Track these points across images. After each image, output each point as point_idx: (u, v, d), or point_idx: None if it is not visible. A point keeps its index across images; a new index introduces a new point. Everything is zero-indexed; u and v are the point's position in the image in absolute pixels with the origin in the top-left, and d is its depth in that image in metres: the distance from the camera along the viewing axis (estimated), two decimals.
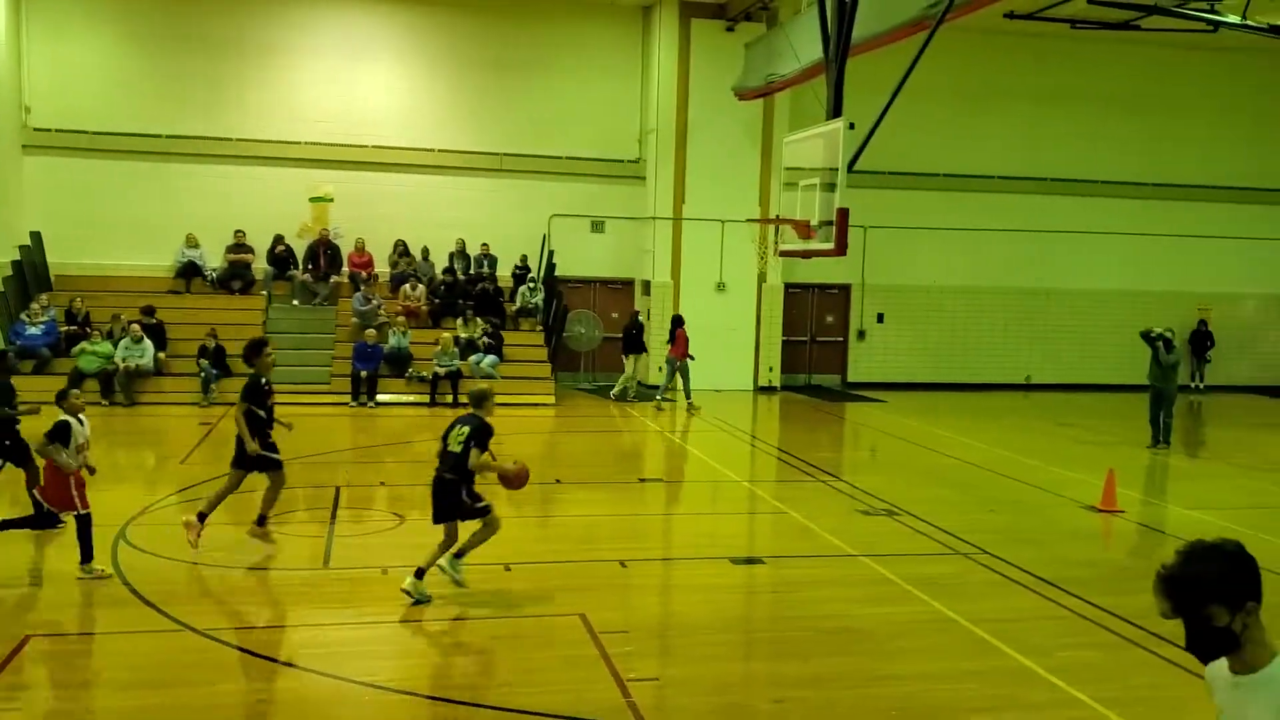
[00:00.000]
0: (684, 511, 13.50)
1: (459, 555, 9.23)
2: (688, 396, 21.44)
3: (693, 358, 21.52)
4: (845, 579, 10.18)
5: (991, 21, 22.87)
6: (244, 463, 10.45)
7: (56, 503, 9.35)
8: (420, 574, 8.97)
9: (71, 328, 20.49)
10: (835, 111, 15.19)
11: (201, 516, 10.31)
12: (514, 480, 9.13)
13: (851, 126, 14.31)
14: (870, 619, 8.98)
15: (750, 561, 10.77)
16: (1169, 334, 18.01)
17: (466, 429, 9.04)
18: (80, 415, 9.52)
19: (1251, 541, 10.50)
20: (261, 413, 10.46)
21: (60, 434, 9.30)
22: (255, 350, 10.81)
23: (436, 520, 9.18)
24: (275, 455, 10.57)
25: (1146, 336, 17.96)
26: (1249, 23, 17.92)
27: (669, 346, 21.77)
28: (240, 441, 10.39)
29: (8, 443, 10.95)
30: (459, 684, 7.35)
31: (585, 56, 24.45)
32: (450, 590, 9.46)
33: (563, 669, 7.72)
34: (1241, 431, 21.83)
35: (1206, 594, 3.11)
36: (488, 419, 9.12)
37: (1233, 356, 27.74)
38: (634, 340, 22.58)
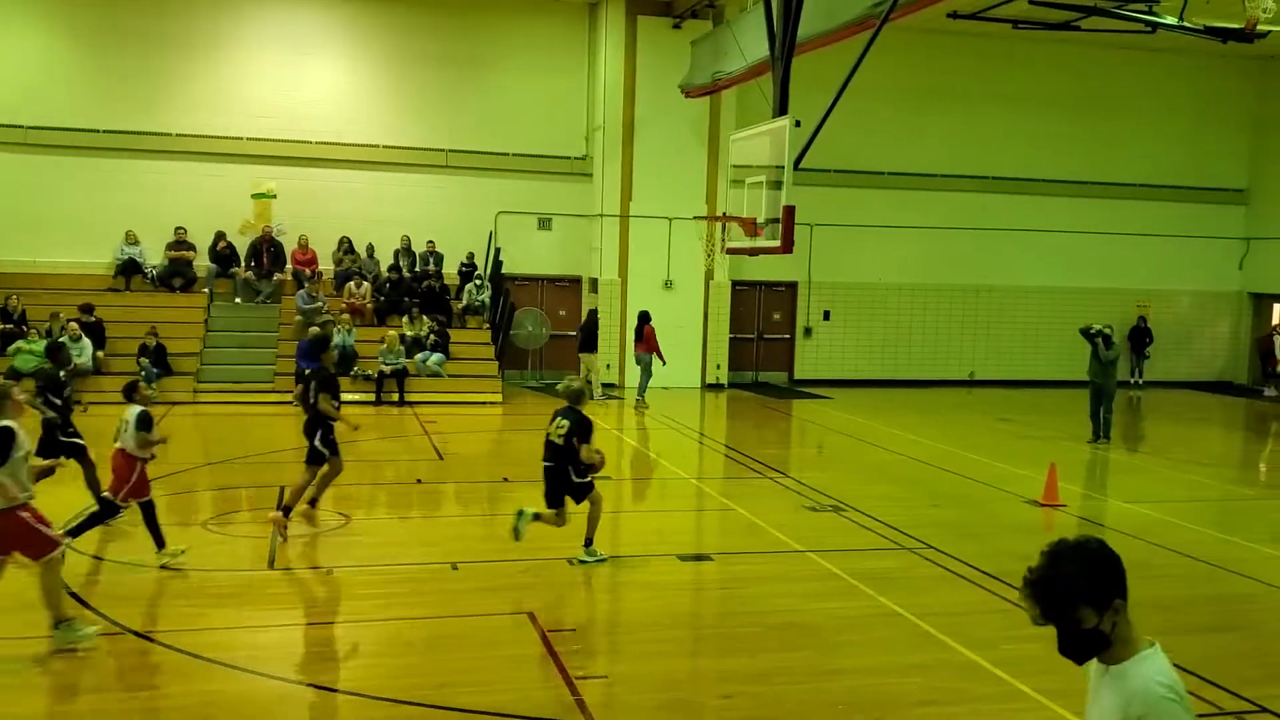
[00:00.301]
0: (632, 509, 13.49)
1: (587, 544, 10.13)
2: (640, 393, 21.46)
3: (664, 362, 21.71)
4: (792, 574, 10.24)
5: (935, 21, 23.10)
6: (317, 458, 11.08)
7: (135, 492, 9.72)
8: (589, 542, 10.10)
9: (7, 326, 20.07)
10: (781, 109, 15.25)
11: (287, 510, 10.72)
12: (597, 469, 10.07)
13: (798, 124, 14.37)
14: (817, 614, 9.04)
15: (698, 558, 10.80)
16: (1108, 330, 18.28)
17: (566, 423, 9.78)
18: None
19: (1187, 534, 10.64)
20: (335, 404, 11.25)
21: (147, 423, 9.71)
22: (323, 346, 11.94)
23: (550, 505, 10.02)
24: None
25: (1086, 333, 18.23)
26: (1185, 24, 18.22)
27: (637, 344, 21.83)
28: (323, 436, 11.02)
29: (63, 438, 11.27)
30: (405, 684, 7.28)
31: (531, 53, 24.35)
32: (395, 589, 9.40)
33: (510, 668, 7.68)
34: (1179, 426, 22.24)
35: (1074, 596, 3.12)
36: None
37: (1170, 352, 28.27)
38: (591, 338, 22.57)
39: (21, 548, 7.56)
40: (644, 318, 21.87)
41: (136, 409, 9.81)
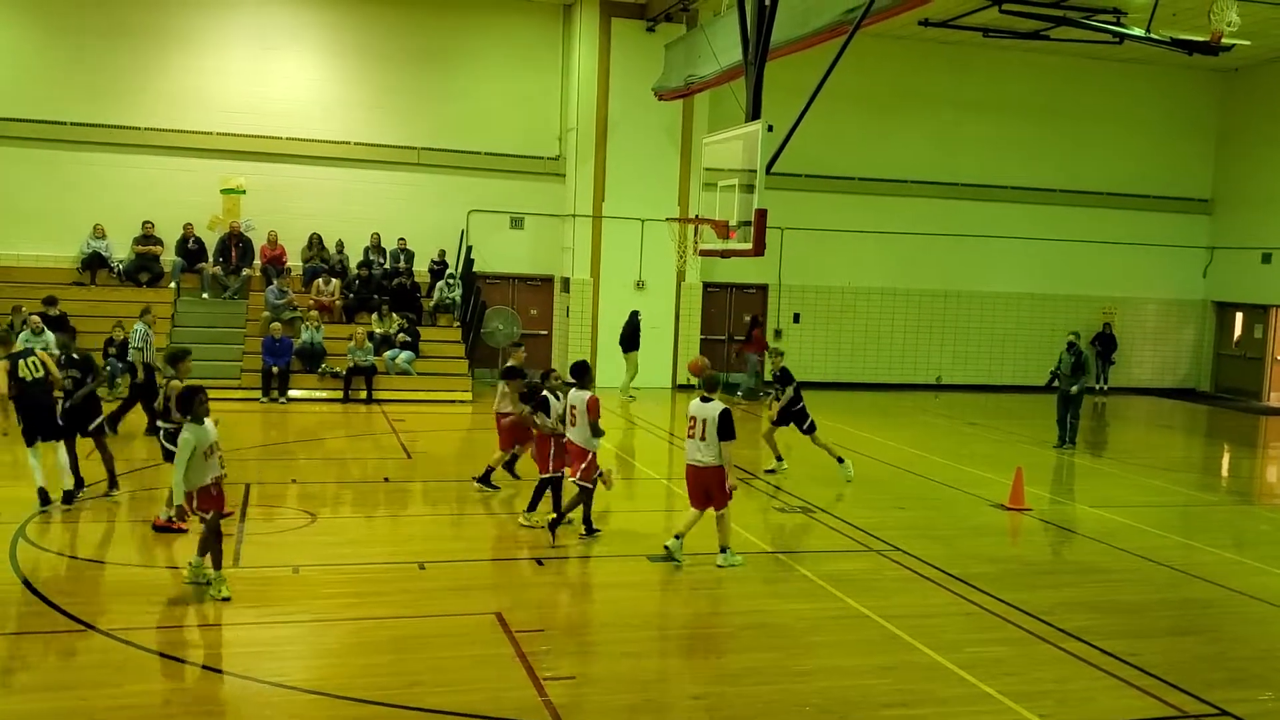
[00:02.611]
0: (601, 509, 13.47)
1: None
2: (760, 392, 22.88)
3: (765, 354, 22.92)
4: (761, 576, 10.27)
5: (907, 29, 23.34)
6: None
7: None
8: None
9: None
10: (754, 114, 15.29)
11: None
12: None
13: (770, 129, 14.41)
14: (786, 615, 9.06)
15: (667, 559, 10.79)
16: (1074, 339, 18.49)
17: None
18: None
19: (1151, 539, 10.74)
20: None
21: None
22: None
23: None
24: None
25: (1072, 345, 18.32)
26: (1152, 36, 18.45)
27: (745, 345, 23.88)
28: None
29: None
30: (371, 684, 7.25)
31: (505, 52, 24.29)
32: (362, 588, 9.35)
33: (478, 668, 7.66)
34: (1143, 432, 22.49)
35: None
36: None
37: (1135, 359, 28.56)
38: (632, 338, 22.65)
39: None
40: (754, 322, 24.09)
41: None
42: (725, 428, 9.97)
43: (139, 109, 22.36)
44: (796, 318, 26.42)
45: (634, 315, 22.93)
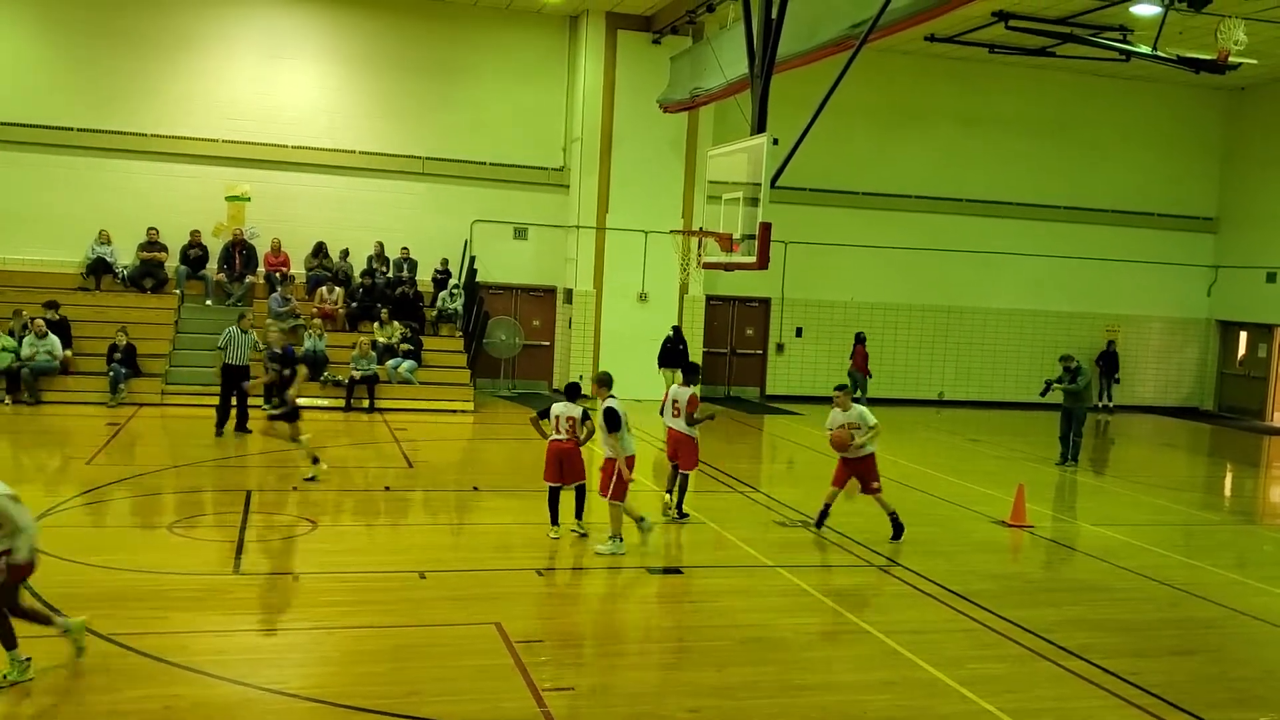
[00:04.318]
0: (601, 520, 13.45)
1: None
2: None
3: (870, 375, 24.17)
4: (761, 589, 10.24)
5: (913, 44, 23.37)
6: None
7: None
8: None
9: None
10: (759, 127, 15.29)
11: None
12: None
13: (775, 142, 14.40)
14: (785, 629, 9.04)
15: (667, 571, 10.78)
16: (1072, 363, 18.33)
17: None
18: None
19: (1153, 557, 10.71)
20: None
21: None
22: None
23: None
24: None
25: (1067, 367, 18.24)
26: (1159, 54, 18.46)
27: (849, 360, 24.03)
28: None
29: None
30: (370, 692, 7.23)
31: (511, 63, 24.35)
32: (362, 597, 9.33)
33: (477, 678, 7.64)
34: (1146, 450, 22.45)
35: None
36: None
37: (1139, 377, 28.53)
38: (675, 354, 22.48)
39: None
40: (860, 338, 24.24)
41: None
42: (610, 421, 11.01)
43: (145, 115, 22.42)
44: (799, 332, 26.41)
45: (677, 330, 22.83)
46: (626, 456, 11.19)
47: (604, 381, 11.53)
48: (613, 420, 11.00)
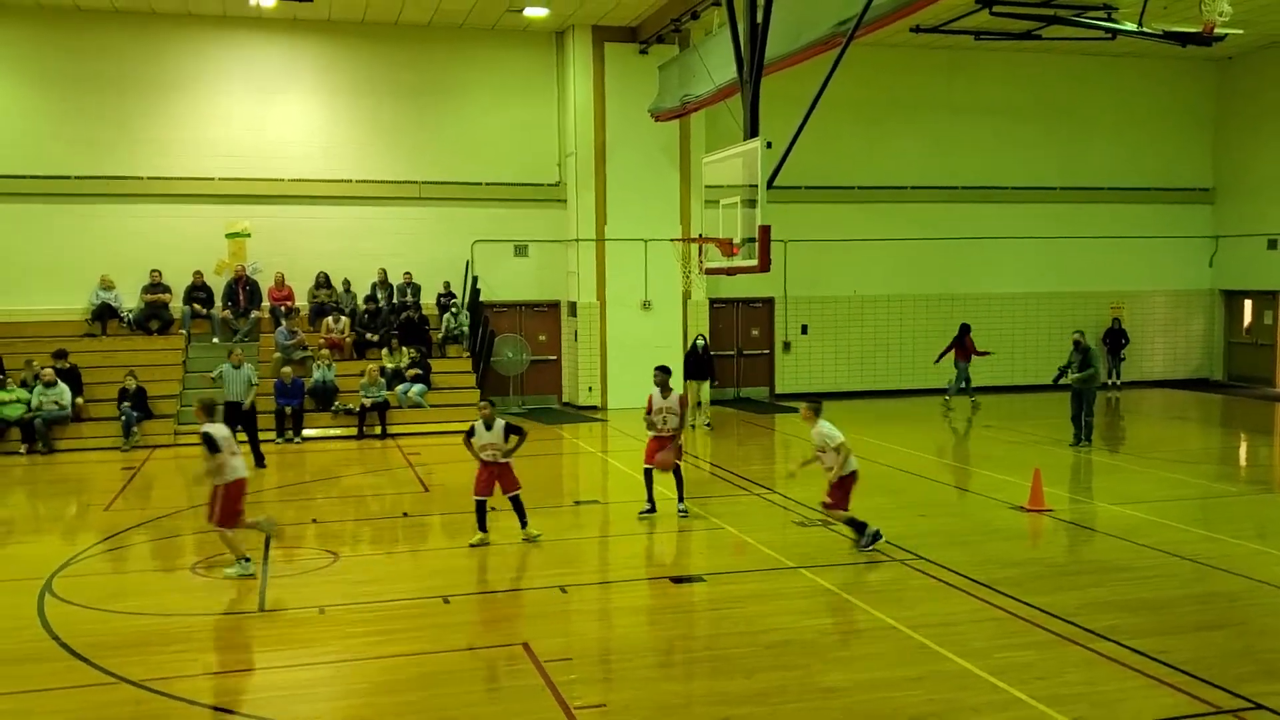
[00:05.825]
0: (621, 532, 13.48)
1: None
2: (949, 394, 24.62)
3: (987, 353, 25.11)
4: (784, 592, 10.26)
5: (899, 36, 23.41)
6: None
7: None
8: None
9: None
10: (752, 131, 15.32)
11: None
12: None
13: (769, 146, 14.44)
14: (811, 630, 9.06)
15: (689, 580, 10.80)
16: (1079, 337, 18.40)
17: None
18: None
19: (1174, 533, 10.69)
20: None
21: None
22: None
23: None
24: None
25: (1077, 344, 18.32)
26: (1145, 29, 18.45)
27: (956, 351, 24.50)
28: None
29: None
30: None
31: (500, 82, 24.42)
32: (388, 625, 9.36)
33: (508, 700, 7.67)
34: (1158, 425, 22.43)
35: None
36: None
37: (1147, 352, 28.52)
38: (699, 366, 22.21)
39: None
40: (964, 329, 24.63)
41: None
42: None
43: (140, 158, 22.52)
44: (804, 329, 26.43)
45: (701, 340, 22.45)
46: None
47: (207, 409, 11.30)
48: (211, 444, 10.86)
